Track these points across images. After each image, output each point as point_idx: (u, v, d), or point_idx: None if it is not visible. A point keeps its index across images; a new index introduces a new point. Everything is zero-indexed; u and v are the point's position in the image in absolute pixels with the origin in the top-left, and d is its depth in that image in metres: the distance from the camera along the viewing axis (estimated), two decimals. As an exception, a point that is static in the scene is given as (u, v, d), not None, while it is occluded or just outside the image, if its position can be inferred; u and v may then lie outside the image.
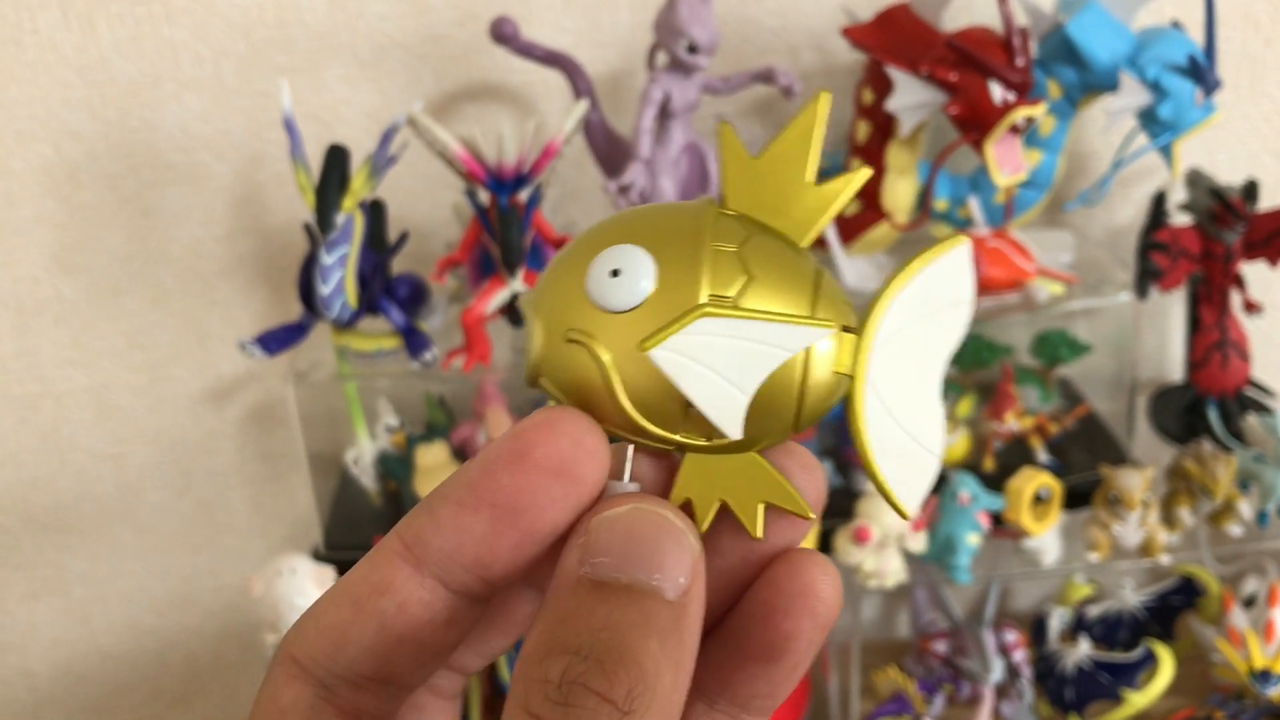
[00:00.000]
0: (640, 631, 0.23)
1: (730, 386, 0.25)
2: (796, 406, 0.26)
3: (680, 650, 0.24)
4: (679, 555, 0.24)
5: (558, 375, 0.26)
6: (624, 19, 0.93)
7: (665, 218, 0.26)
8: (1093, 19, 0.83)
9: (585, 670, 0.22)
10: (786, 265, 0.26)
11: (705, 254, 0.25)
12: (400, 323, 0.85)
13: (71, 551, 1.09)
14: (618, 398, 0.25)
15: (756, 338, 0.25)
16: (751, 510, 0.26)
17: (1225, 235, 0.89)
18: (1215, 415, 0.93)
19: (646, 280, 0.25)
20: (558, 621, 0.23)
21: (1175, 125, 0.84)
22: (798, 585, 0.26)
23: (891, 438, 0.27)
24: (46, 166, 0.94)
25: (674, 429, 0.26)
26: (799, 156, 0.26)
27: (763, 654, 0.26)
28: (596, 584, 0.24)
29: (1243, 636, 0.93)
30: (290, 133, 0.79)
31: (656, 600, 0.23)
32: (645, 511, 0.25)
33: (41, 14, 0.90)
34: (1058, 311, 0.92)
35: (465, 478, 0.25)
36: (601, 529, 0.24)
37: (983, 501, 0.85)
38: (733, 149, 0.27)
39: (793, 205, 0.26)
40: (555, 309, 0.26)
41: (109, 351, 1.01)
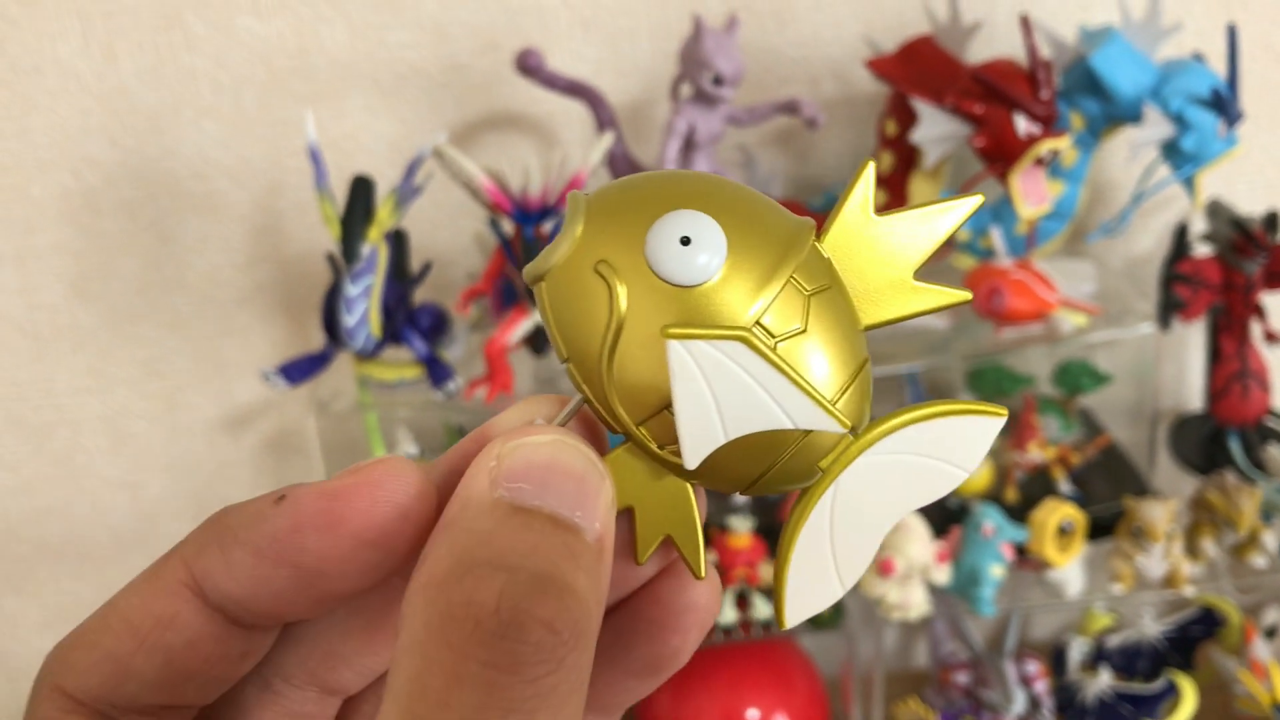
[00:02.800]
0: (570, 564, 0.21)
1: (717, 420, 0.23)
2: (760, 475, 0.24)
3: (600, 591, 0.21)
4: (598, 499, 0.22)
5: (563, 293, 0.24)
6: (645, 48, 0.93)
7: (765, 215, 0.24)
8: (1116, 51, 0.84)
9: (528, 592, 0.19)
10: (842, 338, 0.24)
11: (778, 279, 0.23)
12: (423, 353, 0.85)
13: (85, 580, 1.09)
14: (607, 358, 0.23)
15: (773, 391, 0.23)
16: (650, 535, 0.24)
17: (1246, 266, 0.89)
18: (1236, 446, 0.93)
19: (709, 267, 0.23)
20: (475, 544, 0.20)
21: (1198, 157, 0.84)
22: (684, 599, 0.25)
23: (818, 551, 0.25)
24: (65, 193, 0.94)
25: (636, 418, 0.24)
26: (919, 244, 0.25)
27: (649, 668, 0.25)
28: (516, 508, 0.21)
29: (1265, 668, 0.92)
30: (315, 163, 0.79)
31: (578, 536, 0.21)
32: (568, 444, 0.22)
33: (62, 42, 0.90)
34: (1078, 342, 0.91)
35: (268, 527, 0.22)
36: (517, 453, 0.22)
37: (1007, 533, 0.85)
38: (861, 194, 0.25)
39: (881, 286, 0.25)
40: (605, 231, 0.24)
41: (125, 379, 1.01)
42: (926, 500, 0.26)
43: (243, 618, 0.23)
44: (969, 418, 0.25)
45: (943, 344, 0.90)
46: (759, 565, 0.86)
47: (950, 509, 0.92)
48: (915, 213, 0.25)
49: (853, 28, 0.93)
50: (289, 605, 0.23)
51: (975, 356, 0.92)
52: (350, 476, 0.23)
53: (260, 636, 0.24)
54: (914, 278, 0.25)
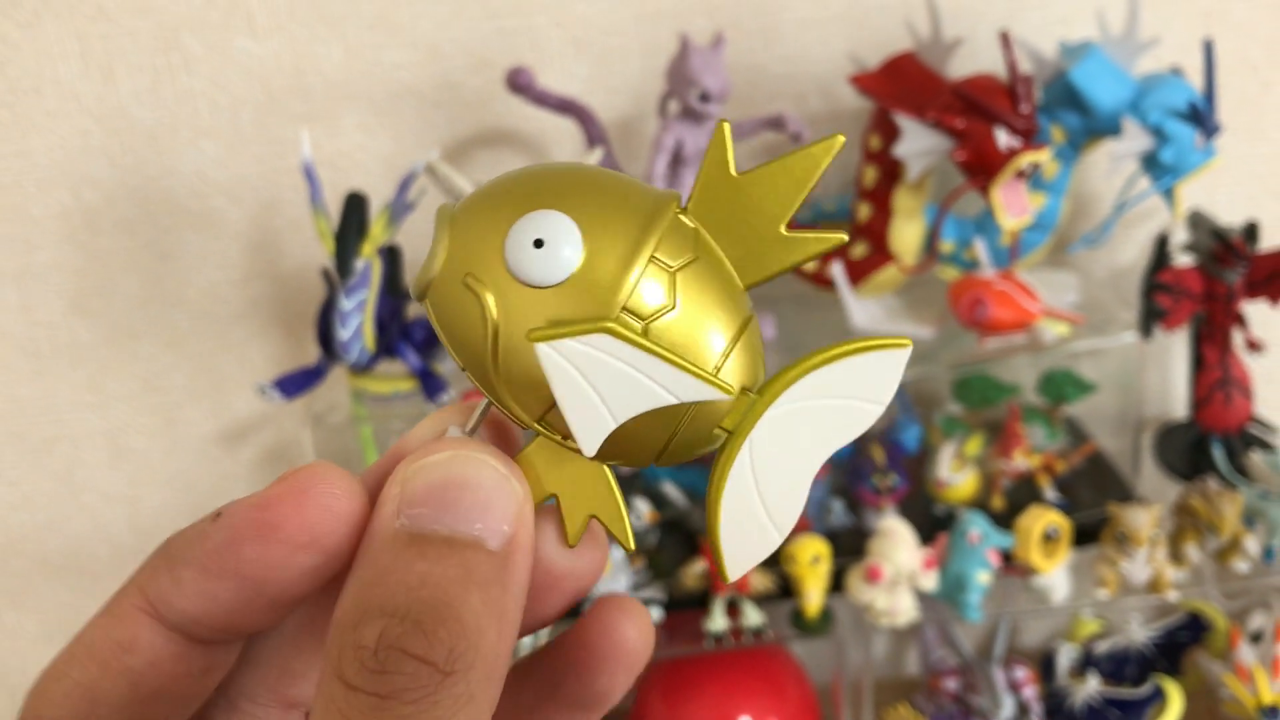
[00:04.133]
0: (461, 587, 0.21)
1: (603, 409, 0.23)
2: (664, 446, 0.25)
3: (505, 602, 0.22)
4: (502, 502, 0.23)
5: (443, 308, 0.24)
6: (634, 66, 0.95)
7: (621, 198, 0.25)
8: (1095, 66, 0.85)
9: (402, 633, 0.21)
10: (716, 306, 0.24)
11: (639, 261, 0.24)
12: (416, 366, 0.86)
13: (84, 594, 1.10)
14: (491, 366, 0.24)
15: (649, 373, 0.23)
16: (578, 518, 0.25)
17: (1227, 275, 0.90)
18: (1220, 452, 0.94)
19: (568, 264, 0.23)
20: (372, 581, 0.22)
21: (1177, 169, 0.86)
22: (611, 641, 0.26)
23: (747, 504, 0.26)
24: (65, 212, 0.96)
25: (534, 416, 0.24)
26: (784, 196, 0.25)
27: (580, 705, 0.26)
28: (414, 537, 0.22)
29: (1250, 672, 0.93)
30: (310, 181, 0.80)
31: (478, 551, 0.22)
32: (464, 457, 0.23)
33: (62, 64, 0.91)
34: (1063, 351, 0.93)
35: (209, 543, 0.23)
36: (418, 477, 0.23)
37: (993, 540, 0.86)
38: (719, 154, 0.25)
39: (755, 243, 0.25)
40: (468, 244, 0.24)
41: (124, 394, 1.02)
42: (846, 439, 0.26)
43: (199, 633, 0.24)
44: (873, 353, 0.25)
45: (928, 354, 0.92)
46: (749, 573, 0.87)
47: (937, 516, 0.94)
48: (775, 164, 0.25)
49: (837, 45, 0.94)
50: (240, 617, 0.24)
51: (961, 366, 0.94)
52: (279, 485, 0.23)
53: (220, 652, 0.25)
54: (785, 229, 0.25)
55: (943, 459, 0.93)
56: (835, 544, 0.88)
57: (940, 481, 0.93)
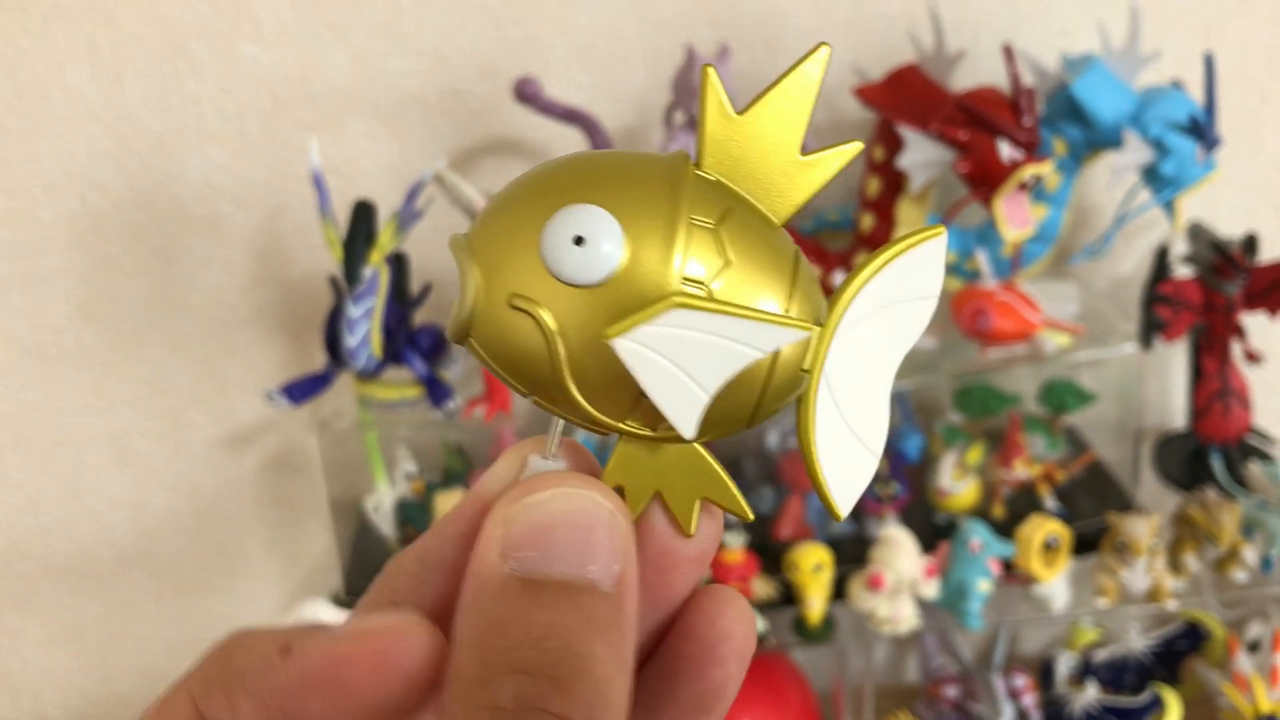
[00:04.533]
0: (584, 635, 0.21)
1: (692, 384, 0.22)
2: (756, 403, 0.24)
3: (624, 647, 0.22)
4: (610, 540, 0.22)
5: (492, 340, 0.23)
6: (639, 77, 0.95)
7: (636, 174, 0.23)
8: (1097, 79, 0.86)
9: (541, 692, 0.20)
10: (765, 249, 0.23)
11: (680, 228, 0.23)
12: (423, 373, 0.87)
13: (88, 596, 1.10)
14: (564, 380, 0.23)
15: (728, 334, 0.22)
16: (687, 505, 0.24)
17: (1226, 287, 0.91)
18: (1218, 463, 0.95)
19: (613, 253, 0.22)
20: (490, 633, 0.21)
21: (1177, 181, 0.87)
22: (717, 631, 0.25)
23: (837, 437, 0.25)
24: (73, 217, 0.96)
25: (620, 418, 0.23)
26: (790, 122, 0.24)
27: (697, 707, 0.25)
28: (526, 583, 0.21)
29: (1248, 681, 0.94)
30: (319, 188, 0.81)
31: (593, 595, 0.21)
32: (566, 494, 0.22)
33: (71, 70, 0.92)
34: (1063, 361, 0.94)
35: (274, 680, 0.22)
36: (521, 517, 0.22)
37: (994, 548, 0.87)
38: (715, 100, 0.24)
39: (776, 177, 0.24)
40: (500, 265, 0.23)
41: (129, 398, 1.03)
42: (914, 338, 0.26)
43: None
44: (912, 251, 0.25)
45: (931, 364, 0.93)
46: (752, 580, 0.88)
47: (938, 525, 0.94)
48: (771, 92, 0.24)
49: (841, 57, 0.95)
50: None
51: (962, 376, 0.94)
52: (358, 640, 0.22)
53: None
54: (800, 155, 0.24)
55: (944, 468, 0.93)
56: (837, 552, 0.88)
57: (941, 490, 0.94)
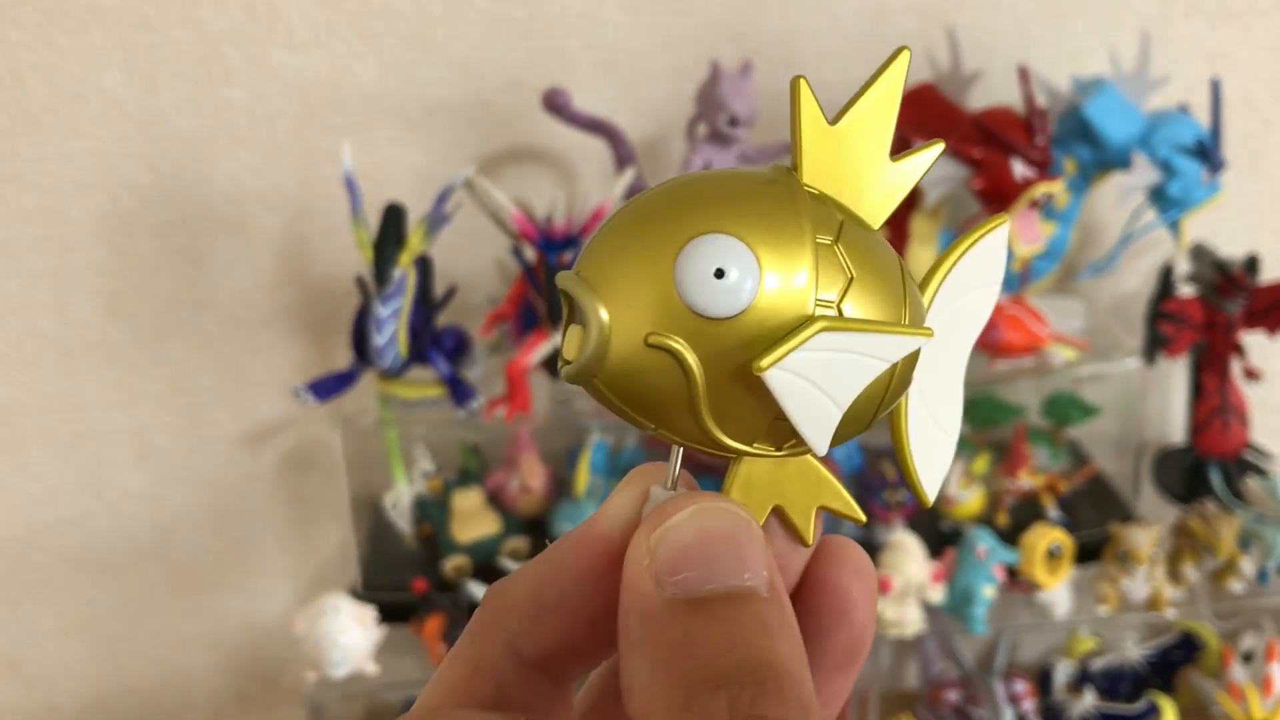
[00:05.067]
0: (766, 639, 0.21)
1: (828, 401, 0.23)
2: (876, 409, 0.24)
3: (800, 645, 0.22)
4: (755, 546, 0.22)
5: (623, 379, 0.23)
6: (661, 89, 0.98)
7: (753, 196, 0.23)
8: (1108, 101, 0.89)
9: (754, 698, 0.20)
10: (878, 259, 0.23)
11: (808, 248, 0.22)
12: (446, 373, 0.89)
13: (103, 588, 1.12)
14: (701, 413, 0.23)
15: (861, 350, 0.23)
16: (806, 516, 0.24)
17: (1227, 306, 0.94)
18: (1217, 477, 0.98)
19: (752, 283, 0.22)
20: (676, 656, 0.21)
21: (1183, 202, 0.90)
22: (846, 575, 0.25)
23: (923, 426, 0.26)
24: (103, 215, 0.98)
25: (749, 441, 0.23)
26: (880, 127, 0.24)
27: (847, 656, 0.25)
28: (691, 603, 0.21)
29: (1242, 690, 0.96)
30: (351, 191, 0.83)
31: (758, 601, 0.21)
32: (709, 510, 0.22)
33: (106, 72, 0.94)
34: (1067, 375, 0.96)
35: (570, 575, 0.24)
36: (667, 541, 0.22)
37: (999, 555, 0.89)
38: (810, 112, 0.24)
39: (870, 182, 0.24)
40: (630, 302, 0.22)
41: (152, 394, 1.05)
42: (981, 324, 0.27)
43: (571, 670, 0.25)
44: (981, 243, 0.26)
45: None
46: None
47: (945, 532, 0.97)
48: (861, 99, 0.24)
49: (858, 73, 0.98)
50: None
51: (969, 387, 0.96)
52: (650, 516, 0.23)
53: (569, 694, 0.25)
54: (891, 159, 0.24)
55: (951, 476, 0.96)
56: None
57: (948, 498, 0.96)
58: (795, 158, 0.24)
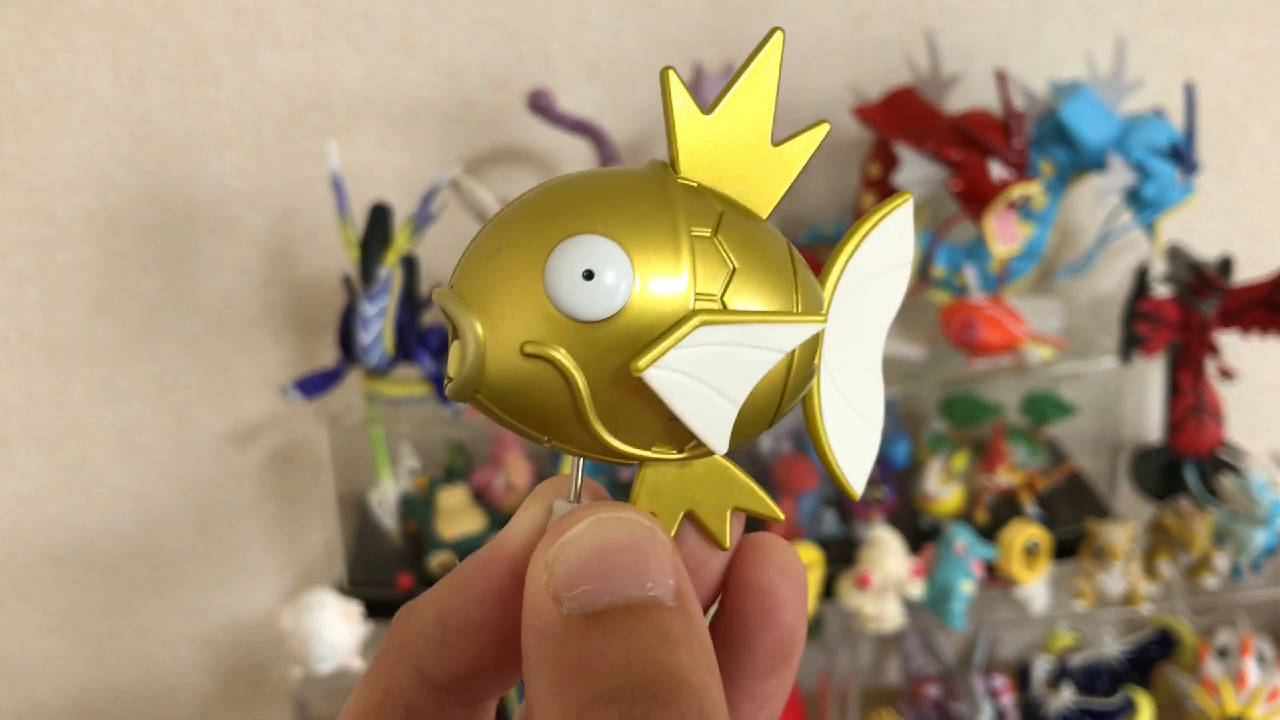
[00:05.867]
0: (666, 650, 0.20)
1: (721, 399, 0.22)
2: (778, 403, 0.23)
3: (707, 655, 0.21)
4: (658, 554, 0.21)
5: (504, 393, 0.22)
6: (644, 91, 0.99)
7: (624, 193, 0.23)
8: (1084, 105, 0.90)
9: (645, 712, 0.19)
10: (763, 248, 0.23)
11: (683, 242, 0.22)
12: (432, 371, 0.90)
13: (89, 586, 1.13)
14: (589, 420, 0.22)
15: (750, 342, 0.22)
16: (720, 519, 0.24)
17: (1202, 306, 0.95)
18: (1192, 475, 0.99)
19: (625, 282, 0.21)
20: (570, 675, 0.20)
21: (1158, 204, 0.91)
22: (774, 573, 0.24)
23: (841, 417, 0.25)
24: (90, 215, 0.99)
25: (646, 445, 0.23)
26: (758, 113, 0.23)
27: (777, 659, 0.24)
28: (589, 617, 0.20)
29: (1216, 685, 0.98)
30: (338, 192, 0.84)
31: (661, 611, 0.21)
32: (607, 520, 0.21)
33: (94, 73, 0.95)
34: (1045, 374, 0.98)
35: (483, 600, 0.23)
36: (564, 554, 0.21)
37: (977, 551, 0.90)
38: (681, 103, 0.23)
39: (752, 171, 0.23)
40: (503, 312, 0.22)
41: (138, 393, 1.05)
42: (895, 306, 0.26)
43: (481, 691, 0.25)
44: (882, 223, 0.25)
45: (918, 373, 0.96)
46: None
47: (924, 529, 0.98)
48: (736, 87, 0.23)
49: (839, 78, 0.99)
50: None
51: (948, 385, 0.98)
52: None
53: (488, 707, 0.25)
54: (772, 144, 0.24)
55: (930, 474, 0.97)
56: (827, 552, 0.92)
57: (928, 495, 0.97)
58: (670, 151, 0.23)
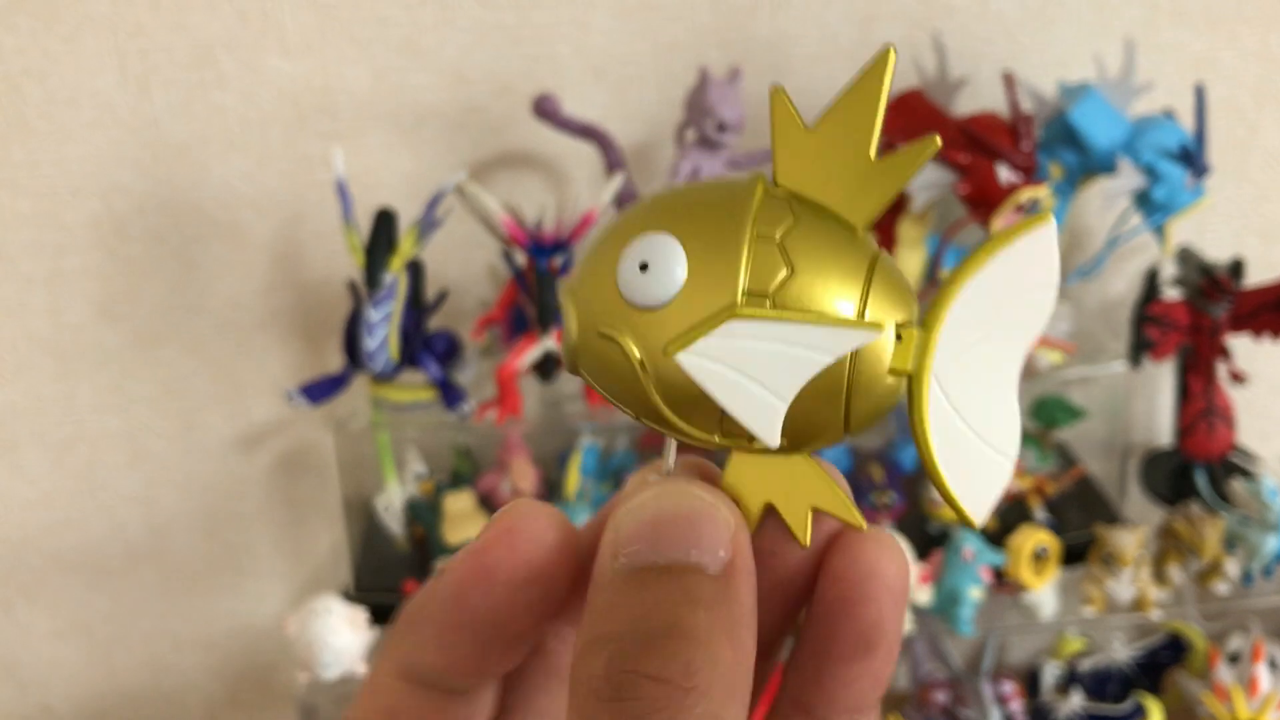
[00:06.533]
0: (686, 607, 0.21)
1: (765, 392, 0.23)
2: (844, 410, 0.24)
3: (732, 621, 0.22)
4: (713, 528, 0.23)
5: (594, 371, 0.24)
6: (651, 95, 0.98)
7: (709, 199, 0.24)
8: (1092, 107, 0.90)
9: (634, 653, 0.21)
10: (836, 254, 0.23)
11: (745, 243, 0.23)
12: (437, 376, 0.90)
13: (97, 591, 1.13)
14: (654, 401, 0.24)
15: (793, 340, 0.23)
16: (800, 515, 0.24)
17: (1213, 309, 0.95)
18: (1203, 479, 0.98)
19: (678, 274, 0.23)
20: (597, 617, 0.22)
21: (1167, 207, 0.91)
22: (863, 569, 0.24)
23: (959, 441, 0.24)
24: (96, 220, 0.99)
25: (712, 430, 0.24)
26: (861, 126, 0.24)
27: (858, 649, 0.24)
28: (633, 573, 0.22)
29: (1228, 691, 0.97)
30: (343, 196, 0.84)
31: (698, 574, 0.22)
32: (670, 491, 0.23)
33: (100, 77, 0.95)
34: (1055, 378, 0.97)
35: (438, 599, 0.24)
36: (629, 517, 0.23)
37: (985, 557, 0.90)
38: (785, 117, 0.24)
39: (851, 182, 0.24)
40: (588, 300, 0.24)
41: (145, 398, 1.05)
42: (1035, 333, 0.25)
43: (452, 684, 0.25)
44: (1017, 242, 0.24)
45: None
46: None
47: (932, 534, 0.97)
48: (841, 99, 0.24)
49: (846, 79, 0.98)
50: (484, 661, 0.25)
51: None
52: (489, 530, 0.24)
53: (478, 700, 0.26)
54: (874, 157, 0.24)
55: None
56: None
57: (936, 500, 0.97)
58: (772, 162, 0.24)
